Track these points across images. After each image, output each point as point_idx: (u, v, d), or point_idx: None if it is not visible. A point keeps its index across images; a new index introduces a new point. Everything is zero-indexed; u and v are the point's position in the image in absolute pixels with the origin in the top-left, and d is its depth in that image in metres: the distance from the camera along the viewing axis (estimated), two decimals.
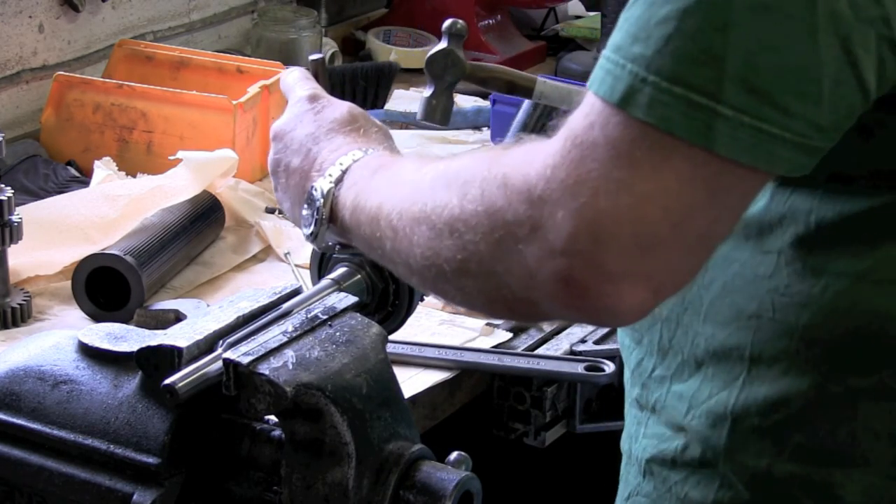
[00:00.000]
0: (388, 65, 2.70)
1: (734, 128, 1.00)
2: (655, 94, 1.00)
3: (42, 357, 1.20)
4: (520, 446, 1.88)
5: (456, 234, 1.08)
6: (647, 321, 1.28)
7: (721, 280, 1.20)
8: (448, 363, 1.81)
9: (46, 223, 1.97)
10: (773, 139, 1.01)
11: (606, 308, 1.02)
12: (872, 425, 1.16)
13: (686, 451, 1.24)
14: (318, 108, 1.35)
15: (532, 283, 1.04)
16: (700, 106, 1.00)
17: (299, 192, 1.30)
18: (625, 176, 1.01)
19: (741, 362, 1.20)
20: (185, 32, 2.74)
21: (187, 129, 2.26)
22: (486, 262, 1.07)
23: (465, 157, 1.13)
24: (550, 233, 1.02)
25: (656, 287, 1.03)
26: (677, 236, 1.01)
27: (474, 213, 1.07)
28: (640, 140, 1.01)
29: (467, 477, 1.13)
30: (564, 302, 1.03)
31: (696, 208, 1.01)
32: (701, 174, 1.01)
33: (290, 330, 1.16)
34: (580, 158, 1.02)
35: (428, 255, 1.11)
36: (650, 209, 1.00)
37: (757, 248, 1.18)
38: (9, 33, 2.37)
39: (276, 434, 1.15)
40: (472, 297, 1.11)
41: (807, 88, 1.01)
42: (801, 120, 1.01)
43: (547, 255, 1.03)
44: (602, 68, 1.04)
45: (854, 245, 1.15)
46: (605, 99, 1.02)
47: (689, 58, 1.00)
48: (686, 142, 1.00)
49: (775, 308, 1.17)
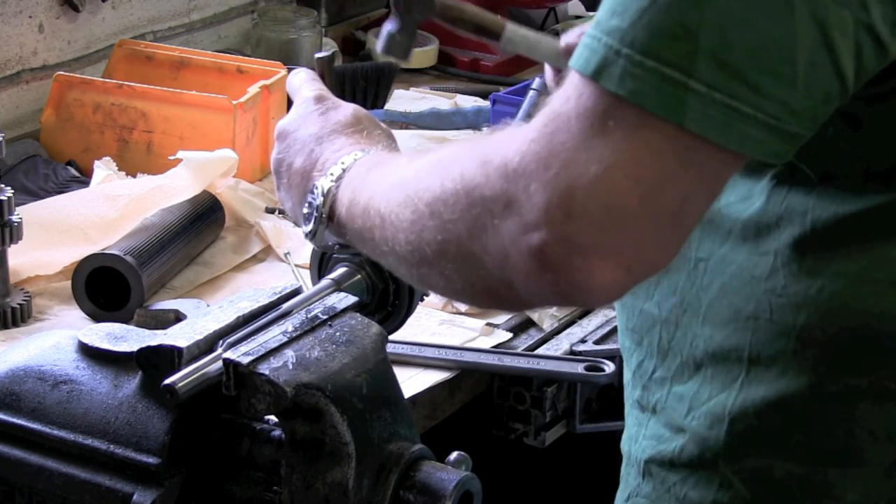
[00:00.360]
0: (388, 65, 2.70)
1: (706, 104, 0.99)
2: (628, 67, 1.00)
3: (42, 357, 1.20)
4: (520, 446, 1.88)
5: (436, 215, 1.08)
6: (646, 322, 1.28)
7: (719, 281, 1.20)
8: (448, 363, 1.81)
9: (46, 223, 1.97)
10: (745, 119, 1.00)
11: (578, 284, 1.02)
12: (870, 425, 1.16)
13: (684, 452, 1.25)
14: (323, 108, 1.35)
15: (507, 262, 1.04)
16: (672, 80, 0.99)
17: (301, 192, 1.30)
18: (595, 146, 1.00)
19: (739, 363, 1.20)
20: (185, 32, 2.74)
21: (187, 129, 2.26)
22: (464, 243, 1.07)
23: (452, 144, 1.13)
24: (524, 207, 1.02)
25: (628, 264, 1.02)
26: (648, 209, 1.01)
27: (454, 191, 1.07)
28: (611, 111, 1.01)
29: (467, 477, 1.13)
30: (537, 280, 1.03)
31: (666, 181, 1.01)
32: (671, 146, 1.00)
33: (290, 330, 1.16)
34: (554, 131, 1.02)
35: (411, 240, 1.11)
36: (620, 179, 1.00)
37: (754, 249, 1.18)
38: (9, 33, 2.37)
39: (276, 434, 1.15)
40: (452, 282, 1.10)
41: (780, 68, 1.00)
42: (773, 101, 1.00)
43: (521, 230, 1.02)
44: (582, 44, 1.04)
45: (850, 246, 1.15)
46: (581, 71, 1.02)
47: (663, 31, 1.00)
48: (657, 115, 1.00)
49: (772, 309, 1.17)
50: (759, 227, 1.17)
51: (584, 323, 1.96)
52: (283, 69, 2.38)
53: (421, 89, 2.77)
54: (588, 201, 1.00)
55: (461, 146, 1.11)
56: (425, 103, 2.66)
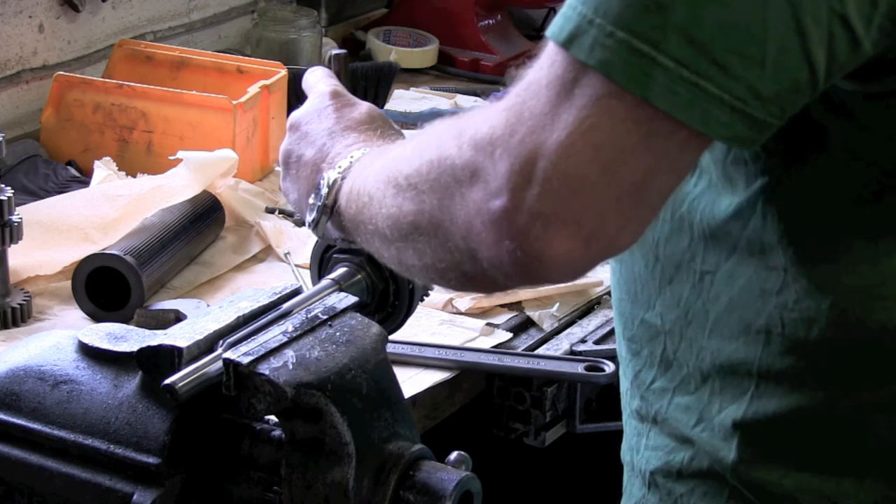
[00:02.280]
0: (388, 65, 2.70)
1: (672, 80, 0.98)
2: (599, 37, 0.99)
3: (42, 357, 1.20)
4: (520, 446, 1.88)
5: (412, 188, 1.09)
6: (647, 333, 1.27)
7: (727, 295, 1.19)
8: (448, 363, 1.81)
9: (46, 223, 1.97)
10: (711, 99, 0.99)
11: (537, 254, 1.01)
12: (882, 438, 1.16)
13: (693, 463, 1.24)
14: (339, 104, 1.35)
15: (471, 231, 1.04)
16: (640, 53, 0.99)
17: (308, 183, 1.31)
18: (561, 113, 1.00)
19: (749, 377, 1.19)
20: (185, 32, 2.74)
21: (187, 129, 2.26)
22: (435, 213, 1.07)
23: (437, 121, 1.13)
24: (489, 174, 1.02)
25: (587, 236, 1.01)
26: (608, 180, 1.00)
27: (429, 162, 1.08)
28: (579, 80, 1.00)
29: (467, 477, 1.13)
30: (497, 249, 1.02)
31: (627, 152, 1.00)
32: (633, 116, 0.99)
33: (290, 330, 1.16)
34: (525, 99, 1.02)
35: (392, 213, 1.12)
36: (581, 148, 0.99)
37: (762, 263, 1.17)
38: (9, 33, 2.37)
39: (276, 434, 1.15)
40: (424, 257, 1.10)
41: (749, 49, 0.99)
42: (740, 83, 0.99)
43: (485, 197, 1.02)
44: (559, 12, 1.03)
45: (859, 260, 1.13)
46: (554, 39, 1.02)
47: (636, 3, 0.99)
48: (623, 87, 0.99)
49: (784, 323, 1.16)
50: (764, 243, 1.16)
51: (584, 323, 1.96)
52: (283, 69, 2.38)
53: (421, 89, 2.77)
54: (549, 168, 1.00)
55: (444, 123, 1.11)
56: (425, 103, 2.66)
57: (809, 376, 1.16)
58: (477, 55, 2.94)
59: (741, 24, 0.99)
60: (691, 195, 1.20)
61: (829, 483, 1.18)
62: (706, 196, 1.19)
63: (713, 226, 1.19)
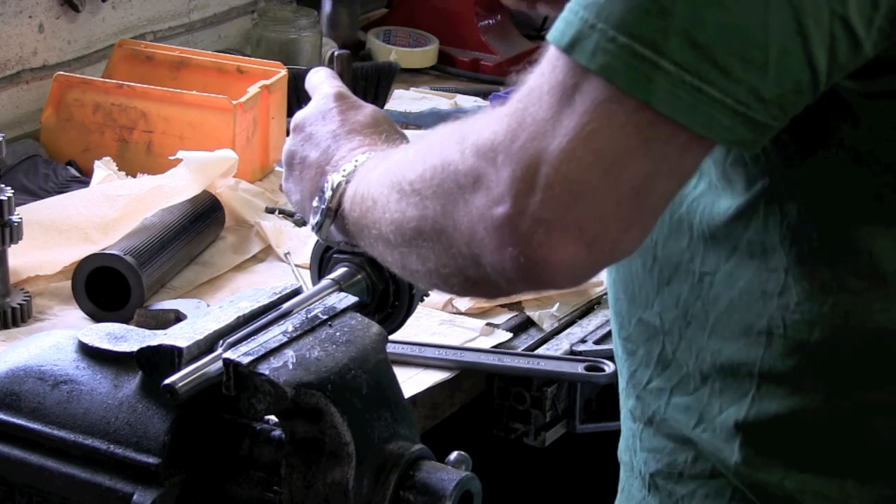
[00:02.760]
0: (388, 65, 2.70)
1: (674, 84, 0.99)
2: (601, 42, 0.99)
3: (42, 357, 1.20)
4: (520, 446, 1.88)
5: (416, 193, 1.09)
6: (644, 333, 1.27)
7: (727, 296, 1.19)
8: (448, 363, 1.81)
9: (46, 223, 1.97)
10: (713, 103, 0.99)
11: (540, 260, 1.01)
12: (884, 439, 1.16)
13: (696, 464, 1.24)
14: (343, 107, 1.35)
15: (474, 237, 1.04)
16: (643, 57, 0.99)
17: (312, 186, 1.31)
18: (562, 119, 1.00)
19: (750, 378, 1.19)
20: (185, 32, 2.74)
21: (187, 129, 2.26)
22: (438, 220, 1.07)
23: (442, 126, 1.13)
24: (492, 181, 1.02)
25: (589, 240, 1.01)
26: (609, 184, 1.00)
27: (432, 168, 1.08)
28: (580, 85, 1.00)
29: (467, 477, 1.13)
30: (500, 255, 1.02)
31: (628, 156, 1.00)
32: (634, 121, 0.99)
33: (290, 330, 1.16)
34: (527, 105, 1.02)
35: (395, 219, 1.12)
36: (582, 153, 0.99)
37: (762, 265, 1.17)
38: (9, 33, 2.37)
39: (276, 434, 1.15)
40: (427, 262, 1.10)
41: (752, 52, 0.99)
42: (743, 86, 0.99)
43: (488, 204, 1.03)
44: (561, 17, 1.03)
45: (860, 262, 1.13)
46: (556, 44, 1.02)
47: (638, 7, 0.99)
48: (625, 92, 0.99)
49: (786, 325, 1.16)
50: (765, 244, 1.16)
51: (584, 323, 1.96)
52: (283, 69, 2.38)
53: (421, 89, 2.77)
54: (551, 174, 1.00)
55: (448, 128, 1.11)
56: (425, 103, 2.66)
57: (811, 377, 1.16)
58: (477, 55, 2.94)
59: (743, 28, 0.99)
60: (690, 196, 1.20)
61: (830, 484, 1.17)
62: (705, 197, 1.19)
63: (713, 227, 1.18)
